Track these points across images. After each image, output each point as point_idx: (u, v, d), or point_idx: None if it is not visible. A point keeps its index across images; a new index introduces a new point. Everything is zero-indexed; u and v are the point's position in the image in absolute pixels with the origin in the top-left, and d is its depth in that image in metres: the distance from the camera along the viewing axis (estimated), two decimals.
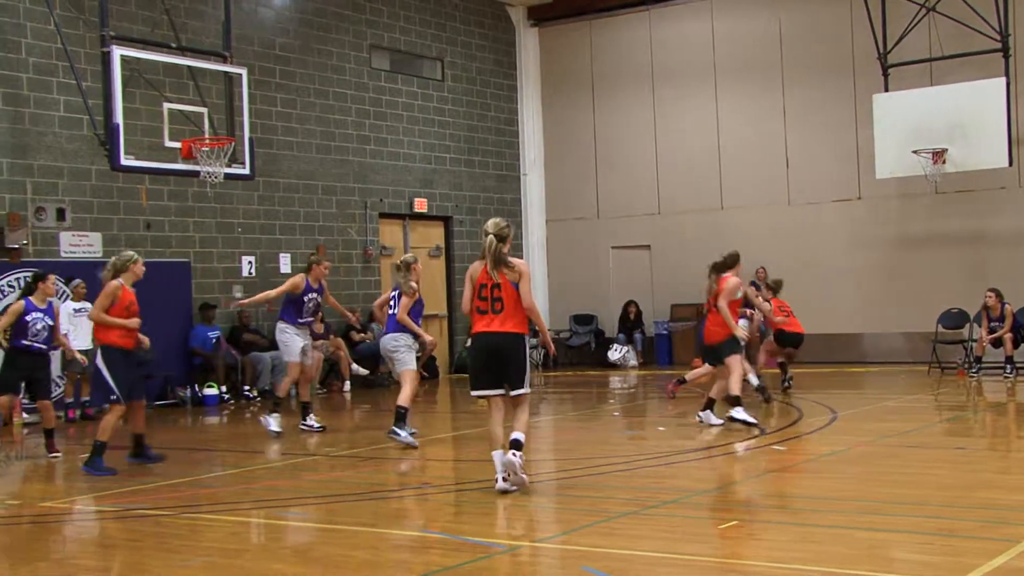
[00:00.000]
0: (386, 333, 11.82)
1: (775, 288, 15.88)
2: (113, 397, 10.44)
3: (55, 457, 11.50)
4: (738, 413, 11.84)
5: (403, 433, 11.43)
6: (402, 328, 11.68)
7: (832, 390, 14.20)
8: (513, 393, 8.75)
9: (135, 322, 10.62)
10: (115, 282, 10.55)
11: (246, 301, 13.61)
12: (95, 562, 7.14)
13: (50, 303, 11.83)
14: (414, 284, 11.69)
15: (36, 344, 11.62)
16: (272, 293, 13.27)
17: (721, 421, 12.06)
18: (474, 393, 8.89)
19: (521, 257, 13.49)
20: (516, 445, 8.61)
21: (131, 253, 10.90)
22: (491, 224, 8.72)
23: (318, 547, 7.17)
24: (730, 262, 12.39)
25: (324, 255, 13.30)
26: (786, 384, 15.68)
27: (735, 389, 11.92)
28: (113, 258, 10.91)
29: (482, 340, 8.76)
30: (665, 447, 11.18)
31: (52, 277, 11.99)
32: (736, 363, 12.17)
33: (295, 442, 12.52)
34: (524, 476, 8.63)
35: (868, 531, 7.24)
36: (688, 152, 22.22)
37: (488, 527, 7.73)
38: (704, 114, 22.05)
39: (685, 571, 6.30)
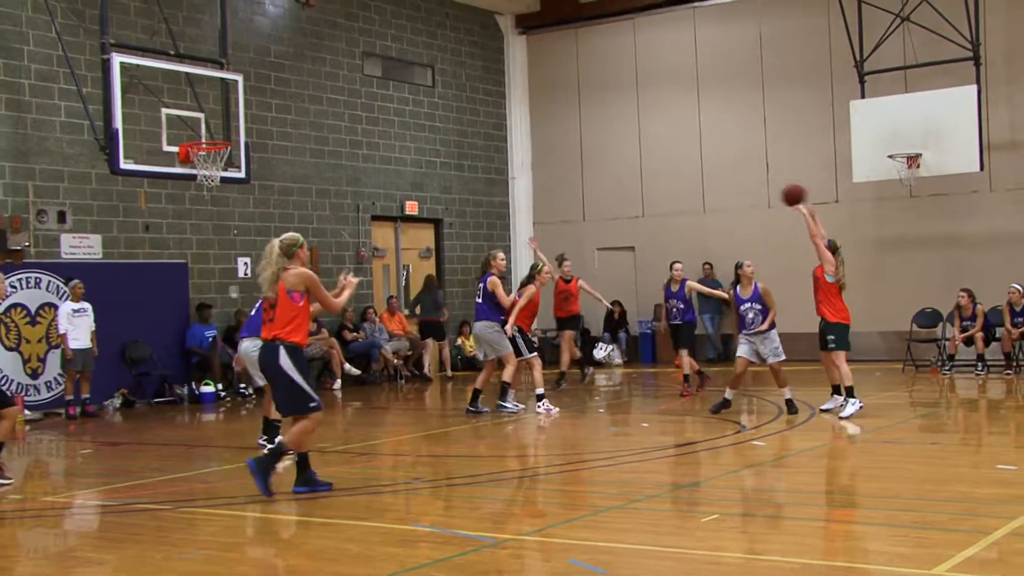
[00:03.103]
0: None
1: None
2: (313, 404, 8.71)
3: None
4: None
5: (509, 404, 13.57)
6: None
7: (811, 387, 14.53)
8: None
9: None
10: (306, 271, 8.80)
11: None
12: (97, 555, 7.24)
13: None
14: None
15: None
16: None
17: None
18: None
19: (507, 259, 14.28)
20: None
21: (297, 235, 8.98)
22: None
23: (312, 540, 7.25)
24: None
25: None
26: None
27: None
28: (278, 241, 9.05)
29: None
30: (649, 443, 11.39)
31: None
32: None
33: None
34: None
35: (844, 524, 7.48)
36: (671, 157, 22.51)
37: (477, 521, 7.81)
38: (686, 120, 22.36)
39: (670, 563, 6.40)
